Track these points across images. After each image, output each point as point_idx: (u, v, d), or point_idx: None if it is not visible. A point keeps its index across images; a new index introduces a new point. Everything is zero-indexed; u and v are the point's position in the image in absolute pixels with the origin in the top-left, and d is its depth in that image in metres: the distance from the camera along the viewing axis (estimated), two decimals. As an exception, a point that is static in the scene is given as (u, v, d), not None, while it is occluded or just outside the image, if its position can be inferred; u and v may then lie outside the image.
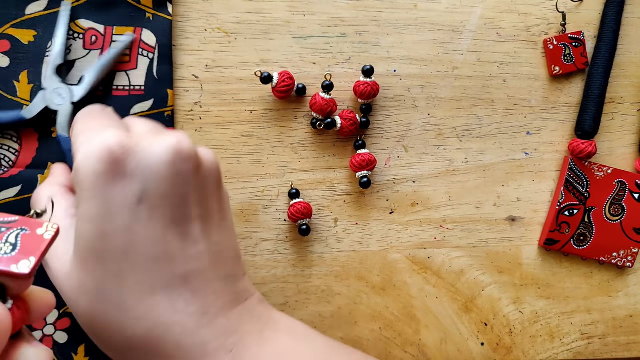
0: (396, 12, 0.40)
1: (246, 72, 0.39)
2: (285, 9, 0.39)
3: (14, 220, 0.20)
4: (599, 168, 0.42)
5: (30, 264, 0.19)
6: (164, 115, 0.38)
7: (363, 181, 0.39)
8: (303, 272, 0.41)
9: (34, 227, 0.20)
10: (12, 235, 0.20)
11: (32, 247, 0.19)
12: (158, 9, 0.38)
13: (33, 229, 0.20)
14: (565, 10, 0.41)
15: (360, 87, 0.39)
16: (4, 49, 0.37)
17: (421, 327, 0.42)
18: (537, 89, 0.42)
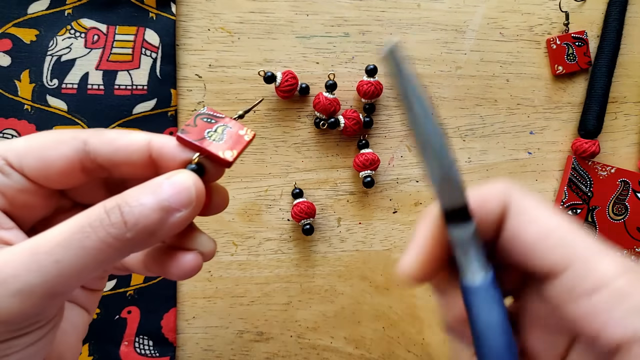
0: (399, 11, 0.40)
1: (249, 71, 0.39)
2: (288, 9, 0.39)
3: (221, 116, 0.23)
4: (602, 167, 0.42)
5: (233, 155, 0.22)
6: (167, 115, 0.38)
7: (366, 181, 0.39)
8: (306, 271, 0.41)
9: (235, 127, 0.23)
10: (219, 127, 0.23)
11: (234, 142, 0.22)
12: (161, 8, 0.38)
13: (235, 128, 0.23)
14: (568, 9, 0.41)
15: (363, 87, 0.39)
16: (5, 48, 0.37)
17: (424, 326, 0.42)
18: (540, 88, 0.42)
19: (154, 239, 0.19)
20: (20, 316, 0.17)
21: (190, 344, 0.40)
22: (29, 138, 0.21)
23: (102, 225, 0.18)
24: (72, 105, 0.37)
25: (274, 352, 0.40)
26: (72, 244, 0.18)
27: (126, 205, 0.19)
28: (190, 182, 0.20)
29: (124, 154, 0.21)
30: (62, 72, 0.37)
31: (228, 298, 0.40)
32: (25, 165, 0.21)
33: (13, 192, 0.21)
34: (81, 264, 0.18)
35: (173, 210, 0.19)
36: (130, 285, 0.39)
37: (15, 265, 0.17)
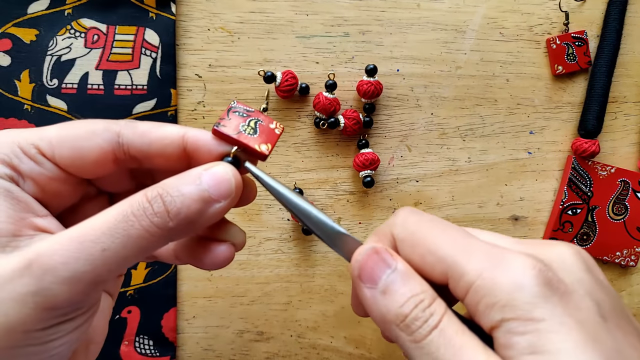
0: (399, 11, 0.40)
1: (249, 71, 0.39)
2: (288, 9, 0.39)
3: (251, 110, 0.24)
4: (602, 167, 0.42)
5: (269, 148, 0.23)
6: (167, 114, 0.38)
7: (366, 180, 0.39)
8: (306, 271, 0.41)
9: (266, 121, 0.24)
10: (252, 121, 0.23)
11: (267, 136, 0.23)
12: (161, 8, 0.38)
13: (266, 122, 0.24)
14: (568, 9, 0.41)
15: (363, 87, 0.39)
16: (5, 48, 0.37)
17: (424, 326, 0.42)
18: (540, 88, 0.42)
19: (193, 228, 0.20)
20: (69, 302, 0.18)
21: (190, 344, 0.40)
22: (61, 127, 0.21)
23: (145, 214, 0.19)
24: (72, 105, 0.37)
25: (274, 352, 0.40)
26: (117, 232, 0.18)
27: (168, 195, 0.19)
28: (230, 174, 0.21)
29: (159, 146, 0.22)
30: (62, 72, 0.37)
31: (228, 298, 0.40)
32: (58, 155, 0.21)
33: (45, 180, 0.21)
34: (126, 252, 0.18)
35: (213, 201, 0.20)
36: (130, 285, 0.39)
37: (64, 253, 0.18)
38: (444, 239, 0.19)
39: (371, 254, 0.20)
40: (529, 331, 0.17)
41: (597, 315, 0.17)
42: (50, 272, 0.17)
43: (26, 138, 0.21)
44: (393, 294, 0.19)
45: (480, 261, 0.18)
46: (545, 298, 0.17)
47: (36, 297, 0.17)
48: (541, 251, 0.19)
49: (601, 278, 0.19)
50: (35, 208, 0.21)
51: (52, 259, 0.18)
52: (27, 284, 0.17)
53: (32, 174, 0.21)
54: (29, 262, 0.18)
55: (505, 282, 0.17)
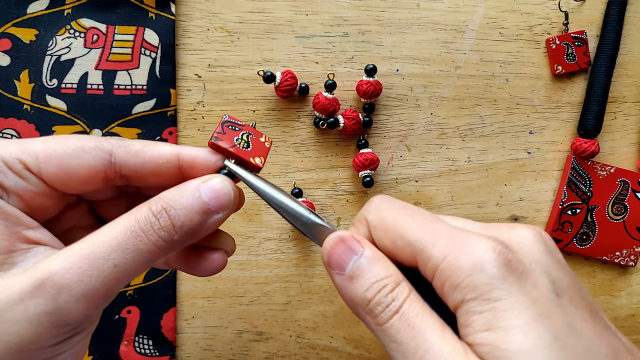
0: (398, 11, 0.40)
1: (249, 71, 0.39)
2: (287, 9, 0.39)
3: (242, 124, 0.25)
4: (601, 167, 0.42)
5: (262, 161, 0.24)
6: (167, 114, 0.38)
7: (366, 180, 0.39)
8: (306, 271, 0.41)
9: (256, 135, 0.25)
10: (244, 134, 0.24)
11: (259, 149, 0.24)
12: (161, 8, 0.38)
13: (257, 136, 0.25)
14: (567, 9, 0.41)
15: (363, 87, 0.39)
16: (4, 48, 0.37)
17: (424, 326, 0.42)
18: (540, 88, 0.42)
19: (193, 239, 0.21)
20: (83, 318, 0.19)
21: (189, 344, 0.40)
22: (48, 142, 0.21)
23: (153, 229, 0.19)
24: (71, 105, 0.37)
25: (273, 352, 0.40)
26: (127, 248, 0.19)
27: (172, 209, 0.20)
28: (229, 186, 0.21)
29: (153, 166, 0.22)
30: (61, 72, 0.37)
31: (227, 298, 0.40)
32: (44, 171, 0.21)
33: (30, 195, 0.21)
34: (136, 266, 0.19)
35: (212, 212, 0.21)
36: (130, 285, 0.39)
37: (76, 272, 0.18)
38: (413, 224, 0.20)
39: (338, 242, 0.21)
40: (485, 310, 0.17)
41: (551, 292, 0.18)
42: (64, 291, 0.18)
43: (11, 152, 0.20)
44: (359, 279, 0.20)
45: (445, 245, 0.19)
46: (503, 278, 0.18)
47: (51, 317, 0.18)
48: (504, 234, 0.20)
49: (559, 258, 0.20)
50: (25, 221, 0.20)
51: (65, 277, 0.18)
52: (42, 304, 0.17)
53: (17, 189, 0.20)
54: (41, 282, 0.18)
55: (466, 264, 0.18)
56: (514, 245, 0.19)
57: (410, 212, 0.21)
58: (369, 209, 0.22)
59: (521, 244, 0.19)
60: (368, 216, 0.22)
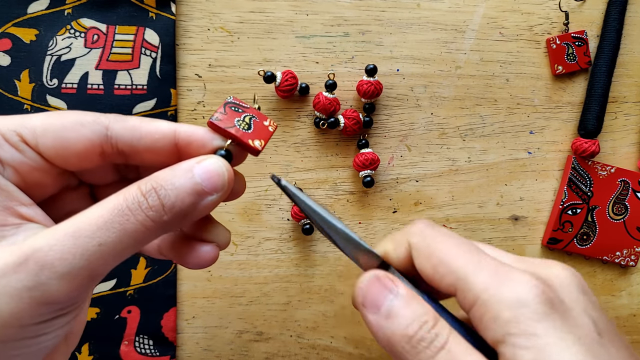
0: (399, 11, 0.40)
1: (249, 71, 0.39)
2: (288, 9, 0.39)
3: (247, 106, 0.24)
4: (602, 167, 0.42)
5: (262, 144, 0.23)
6: (167, 114, 0.38)
7: (366, 180, 0.39)
8: (306, 271, 0.41)
9: (260, 118, 0.24)
10: (246, 117, 0.24)
11: (261, 132, 0.23)
12: (161, 8, 0.38)
13: (260, 119, 0.24)
14: (568, 9, 0.41)
15: (363, 87, 0.39)
16: (5, 48, 0.37)
17: (424, 326, 0.41)
18: (540, 88, 0.42)
19: (185, 221, 0.20)
20: (66, 298, 0.18)
21: (189, 344, 0.40)
22: (46, 116, 0.21)
23: (141, 208, 0.19)
24: (71, 105, 0.37)
25: (273, 352, 0.40)
26: (113, 226, 0.18)
27: (162, 189, 0.19)
28: (223, 167, 0.21)
29: (149, 141, 0.22)
30: (61, 72, 0.37)
31: (227, 298, 0.40)
32: (42, 144, 0.20)
33: (27, 168, 0.21)
34: (122, 246, 0.19)
35: (206, 194, 0.20)
36: (130, 285, 0.39)
37: (60, 249, 0.18)
38: (457, 252, 0.20)
39: (374, 281, 0.21)
40: (532, 346, 0.17)
41: (594, 332, 0.18)
42: (47, 268, 0.17)
43: (8, 125, 0.20)
44: (397, 317, 0.20)
45: (487, 276, 0.19)
46: (547, 315, 0.18)
47: (32, 292, 0.17)
48: (541, 270, 0.20)
49: (594, 299, 0.21)
50: (19, 197, 0.20)
51: (49, 254, 0.17)
52: (23, 279, 0.17)
53: (14, 162, 0.20)
54: (25, 258, 0.17)
55: (509, 298, 0.18)
56: (554, 284, 0.19)
57: (455, 240, 0.21)
58: (413, 232, 0.22)
59: (559, 283, 0.20)
60: (412, 239, 0.22)
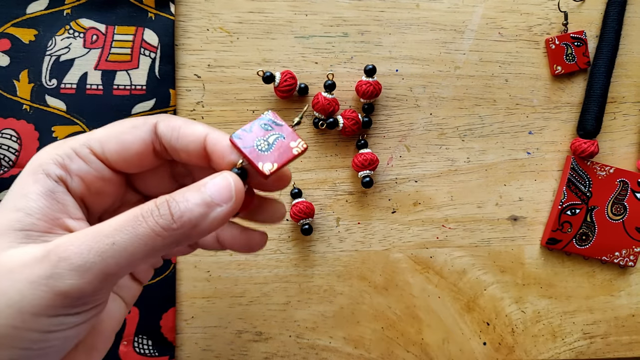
0: (398, 11, 0.40)
1: (248, 71, 0.39)
2: (287, 9, 0.39)
3: (280, 124, 0.24)
4: (601, 167, 0.42)
5: (272, 169, 0.23)
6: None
7: (365, 181, 0.39)
8: (305, 271, 0.41)
9: (289, 138, 0.24)
10: (272, 136, 0.24)
11: (280, 154, 0.23)
12: (160, 8, 0.38)
13: (288, 140, 0.24)
14: (567, 9, 0.41)
15: (362, 87, 0.39)
16: (4, 48, 0.37)
17: (423, 326, 0.42)
18: (539, 88, 0.42)
19: (196, 231, 0.22)
20: (77, 291, 0.19)
21: (189, 344, 0.40)
22: (107, 126, 0.24)
23: (152, 215, 0.21)
24: (71, 105, 0.37)
25: (272, 352, 0.40)
26: (126, 229, 0.20)
27: (173, 201, 0.21)
28: (230, 180, 0.22)
29: (184, 142, 0.24)
30: (60, 72, 0.37)
31: (227, 298, 0.40)
32: (107, 151, 0.24)
33: (91, 178, 0.24)
34: (133, 248, 0.20)
35: (214, 205, 0.21)
36: (129, 285, 0.38)
37: (79, 244, 0.20)
38: None
39: None
40: None
41: None
42: (64, 260, 0.19)
43: (79, 140, 0.23)
44: None
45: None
46: None
47: (49, 281, 0.19)
48: None
49: None
50: (71, 211, 0.23)
51: (68, 248, 0.20)
52: (43, 269, 0.19)
53: (80, 172, 0.23)
54: (48, 251, 0.20)
55: None
56: None
57: None
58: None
59: None
60: None
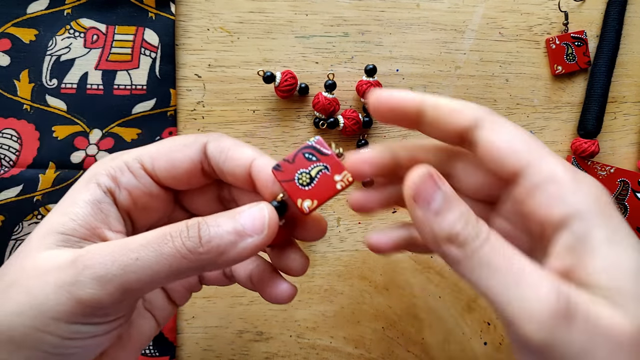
0: (398, 11, 0.40)
1: (249, 71, 0.39)
2: (287, 9, 0.39)
3: (326, 153, 0.23)
4: (601, 167, 0.42)
5: (311, 206, 0.22)
6: (167, 114, 0.38)
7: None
8: (306, 271, 0.41)
9: (334, 170, 0.22)
10: (315, 169, 0.22)
11: (322, 189, 0.22)
12: (161, 8, 0.38)
13: (333, 172, 0.22)
14: (567, 9, 0.41)
15: (362, 87, 0.39)
16: (4, 48, 0.37)
17: (424, 326, 0.42)
18: (540, 88, 0.42)
19: (223, 258, 0.21)
20: (96, 301, 0.20)
21: (190, 344, 0.40)
22: (160, 142, 0.25)
23: (180, 236, 0.20)
24: (71, 105, 0.37)
25: (273, 352, 0.40)
26: (152, 246, 0.20)
27: (204, 224, 0.21)
28: (265, 213, 0.22)
29: (231, 165, 0.24)
30: (61, 72, 0.37)
31: (228, 298, 0.40)
32: (157, 167, 0.24)
33: (139, 193, 0.24)
34: (157, 267, 0.20)
35: (245, 235, 0.21)
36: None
37: (104, 254, 0.20)
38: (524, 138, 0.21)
39: (427, 176, 0.21)
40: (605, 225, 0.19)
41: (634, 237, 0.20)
42: (88, 268, 0.19)
43: (132, 155, 0.24)
44: (445, 213, 0.20)
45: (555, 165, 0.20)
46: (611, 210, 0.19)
47: (72, 287, 0.19)
48: None
49: None
50: (112, 222, 0.23)
51: (94, 257, 0.20)
52: (69, 275, 0.19)
53: (129, 186, 0.24)
54: (76, 258, 0.20)
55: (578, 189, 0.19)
56: None
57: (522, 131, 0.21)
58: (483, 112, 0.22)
59: None
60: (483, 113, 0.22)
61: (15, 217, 0.36)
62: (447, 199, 0.20)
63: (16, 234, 0.36)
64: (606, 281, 0.18)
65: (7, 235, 0.36)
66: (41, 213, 0.36)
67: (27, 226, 0.36)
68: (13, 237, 0.36)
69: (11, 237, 0.36)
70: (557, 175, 0.20)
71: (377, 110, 0.23)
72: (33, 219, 0.36)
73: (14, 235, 0.36)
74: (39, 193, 0.36)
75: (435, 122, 0.22)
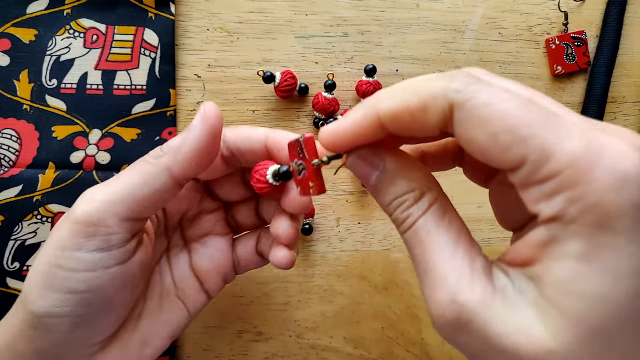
0: (398, 11, 0.40)
1: (248, 71, 0.39)
2: (287, 9, 0.39)
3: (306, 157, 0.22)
4: (600, 167, 0.42)
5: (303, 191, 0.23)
6: (166, 115, 0.38)
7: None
8: (305, 271, 0.41)
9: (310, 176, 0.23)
10: (300, 165, 0.23)
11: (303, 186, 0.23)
12: (160, 8, 0.38)
13: (309, 177, 0.23)
14: (567, 9, 0.41)
15: (362, 87, 0.39)
16: (4, 48, 0.37)
17: (423, 326, 0.42)
18: (539, 88, 0.42)
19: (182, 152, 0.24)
20: (85, 215, 0.23)
21: (189, 344, 0.40)
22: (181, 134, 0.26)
23: (150, 155, 0.24)
24: (71, 105, 0.37)
25: (273, 352, 0.40)
26: (130, 170, 0.24)
27: None
28: (213, 104, 0.24)
29: (248, 142, 0.26)
30: (61, 72, 0.37)
31: (227, 298, 0.40)
32: None
33: None
34: (129, 178, 0.23)
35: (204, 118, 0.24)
36: (129, 285, 0.38)
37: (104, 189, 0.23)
38: (525, 115, 0.16)
39: (357, 161, 0.21)
40: None
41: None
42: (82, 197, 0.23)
43: None
44: (380, 193, 0.21)
45: (576, 146, 0.15)
46: None
47: (69, 213, 0.23)
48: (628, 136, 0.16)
49: None
50: None
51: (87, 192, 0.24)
52: (75, 206, 0.23)
53: None
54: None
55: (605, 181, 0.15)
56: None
57: (520, 98, 0.16)
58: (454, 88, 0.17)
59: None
60: (455, 97, 0.17)
61: (15, 217, 0.36)
62: (384, 177, 0.20)
63: (16, 234, 0.36)
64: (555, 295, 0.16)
65: (7, 235, 0.36)
66: (41, 213, 0.36)
67: (26, 226, 0.36)
68: (13, 237, 0.36)
69: (11, 237, 0.36)
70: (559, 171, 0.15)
71: (336, 146, 0.21)
72: (33, 219, 0.36)
73: (13, 235, 0.36)
74: (39, 193, 0.36)
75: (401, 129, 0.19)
